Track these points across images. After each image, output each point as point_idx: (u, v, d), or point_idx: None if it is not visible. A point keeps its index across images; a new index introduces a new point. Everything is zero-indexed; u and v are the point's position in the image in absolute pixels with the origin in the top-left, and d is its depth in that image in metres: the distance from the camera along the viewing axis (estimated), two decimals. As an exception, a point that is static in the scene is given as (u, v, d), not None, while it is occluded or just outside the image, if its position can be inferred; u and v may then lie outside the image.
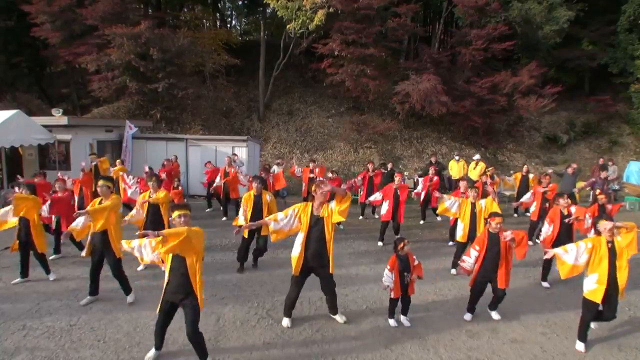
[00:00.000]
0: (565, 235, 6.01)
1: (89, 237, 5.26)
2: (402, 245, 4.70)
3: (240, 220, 6.31)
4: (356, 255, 7.52)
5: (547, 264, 6.13)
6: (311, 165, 10.20)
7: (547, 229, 6.14)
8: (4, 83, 19.19)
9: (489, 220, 4.99)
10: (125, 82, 15.60)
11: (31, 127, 10.29)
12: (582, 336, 4.48)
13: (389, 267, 4.68)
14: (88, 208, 5.16)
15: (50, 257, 6.76)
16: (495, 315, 5.08)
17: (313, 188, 4.58)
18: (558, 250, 4.50)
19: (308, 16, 16.05)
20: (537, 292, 6.00)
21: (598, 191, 7.01)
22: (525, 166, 10.86)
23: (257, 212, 6.25)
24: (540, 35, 17.10)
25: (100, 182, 5.24)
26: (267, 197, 6.44)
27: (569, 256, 4.41)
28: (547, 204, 7.68)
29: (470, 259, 4.95)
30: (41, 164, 11.53)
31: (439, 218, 9.98)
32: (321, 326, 4.81)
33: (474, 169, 11.95)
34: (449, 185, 12.46)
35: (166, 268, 3.87)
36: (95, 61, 15.52)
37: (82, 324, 4.75)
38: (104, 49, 15.53)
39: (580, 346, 4.46)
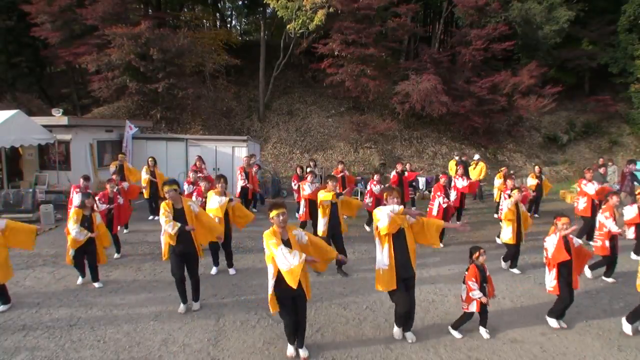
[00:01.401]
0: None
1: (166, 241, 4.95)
2: (477, 254, 4.49)
3: (321, 227, 6.29)
4: (357, 256, 7.52)
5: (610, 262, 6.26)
6: (340, 166, 10.03)
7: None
8: (4, 83, 19.20)
9: (555, 221, 4.80)
10: (125, 82, 15.59)
11: (31, 127, 10.29)
12: (632, 319, 4.66)
13: (473, 278, 4.41)
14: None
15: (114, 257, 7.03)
16: (562, 323, 4.89)
17: (385, 196, 4.35)
18: None
19: (308, 16, 16.05)
20: (537, 292, 5.99)
21: (638, 190, 6.95)
22: (537, 167, 10.76)
23: (333, 215, 6.31)
24: (540, 35, 17.10)
25: (167, 188, 4.84)
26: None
27: None
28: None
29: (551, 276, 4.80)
30: (41, 164, 11.54)
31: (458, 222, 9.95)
32: (321, 326, 4.81)
33: (473, 169, 11.96)
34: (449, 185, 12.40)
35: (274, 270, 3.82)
36: (95, 61, 15.52)
37: (82, 324, 4.75)
38: (104, 49, 15.52)
39: (628, 328, 4.65)
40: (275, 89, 20.06)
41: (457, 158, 12.68)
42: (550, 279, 4.78)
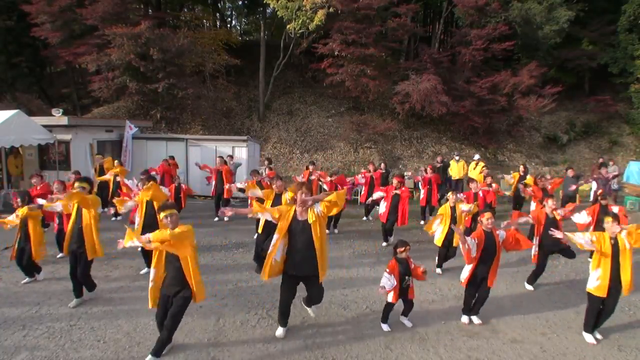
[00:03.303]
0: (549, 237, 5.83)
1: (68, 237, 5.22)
2: (402, 250, 4.61)
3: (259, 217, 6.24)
4: (356, 255, 7.52)
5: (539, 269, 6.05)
6: (311, 167, 9.98)
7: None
8: (4, 83, 19.21)
9: (479, 217, 4.89)
10: (125, 82, 15.60)
11: (31, 127, 10.28)
12: (588, 328, 4.65)
13: (388, 270, 4.56)
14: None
15: (58, 256, 6.94)
16: (477, 319, 4.94)
17: (295, 189, 4.24)
18: (569, 234, 4.59)
19: (308, 16, 16.06)
20: (537, 292, 6.00)
21: (600, 191, 6.94)
22: (522, 166, 10.58)
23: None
24: (540, 35, 17.10)
25: (76, 184, 5.15)
26: (287, 196, 6.23)
27: (579, 238, 4.47)
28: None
29: (468, 264, 4.81)
30: (41, 164, 11.53)
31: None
32: (321, 326, 4.81)
33: (474, 169, 11.94)
34: (449, 186, 12.42)
35: (154, 262, 3.98)
36: (95, 61, 15.53)
37: (82, 324, 4.75)
38: (104, 49, 15.53)
39: (588, 338, 4.60)
40: (275, 89, 20.06)
41: (456, 158, 12.67)
42: (465, 272, 4.85)
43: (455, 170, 12.30)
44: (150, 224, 5.97)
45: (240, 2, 24.90)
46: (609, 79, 19.18)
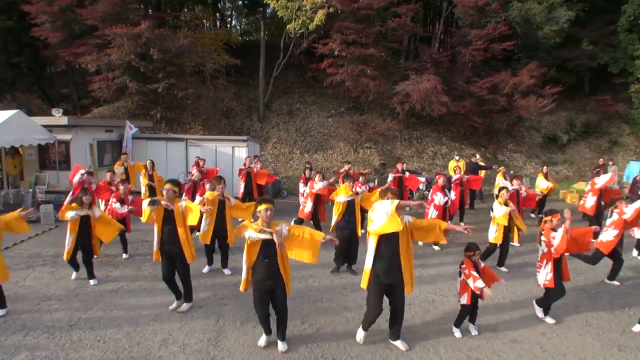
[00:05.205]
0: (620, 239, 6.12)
1: (156, 241, 4.98)
2: (472, 253, 4.54)
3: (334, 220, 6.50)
4: (358, 255, 7.50)
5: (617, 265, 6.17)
6: (346, 166, 9.56)
7: (610, 235, 6.04)
8: (4, 83, 19.19)
9: (550, 217, 4.89)
10: (125, 82, 15.58)
11: (31, 127, 10.28)
12: None
13: (473, 270, 4.42)
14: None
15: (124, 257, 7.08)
16: (550, 319, 5.05)
17: (380, 197, 4.22)
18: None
19: (308, 16, 16.05)
20: (537, 292, 5.98)
21: None
22: (545, 167, 11.02)
23: (350, 212, 6.42)
24: (540, 35, 17.10)
25: (167, 186, 4.93)
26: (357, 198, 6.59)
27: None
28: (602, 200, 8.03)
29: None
30: (41, 164, 11.54)
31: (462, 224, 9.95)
32: (321, 326, 4.81)
33: (474, 169, 11.94)
34: (449, 186, 12.38)
35: (247, 260, 4.15)
36: (95, 61, 15.50)
37: (82, 324, 4.75)
38: (104, 49, 15.51)
39: None
40: (275, 89, 20.05)
41: (456, 158, 12.67)
42: (546, 272, 4.86)
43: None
44: (220, 224, 6.19)
45: (240, 2, 24.87)
46: (609, 79, 19.16)
